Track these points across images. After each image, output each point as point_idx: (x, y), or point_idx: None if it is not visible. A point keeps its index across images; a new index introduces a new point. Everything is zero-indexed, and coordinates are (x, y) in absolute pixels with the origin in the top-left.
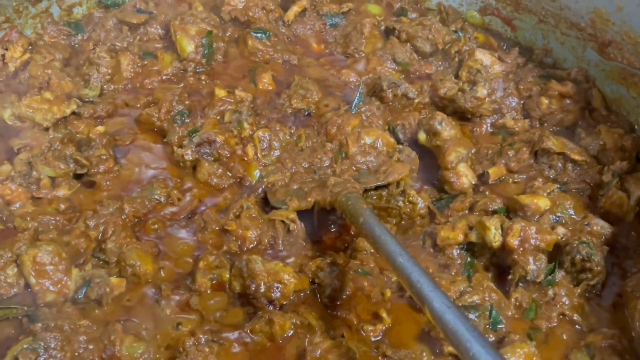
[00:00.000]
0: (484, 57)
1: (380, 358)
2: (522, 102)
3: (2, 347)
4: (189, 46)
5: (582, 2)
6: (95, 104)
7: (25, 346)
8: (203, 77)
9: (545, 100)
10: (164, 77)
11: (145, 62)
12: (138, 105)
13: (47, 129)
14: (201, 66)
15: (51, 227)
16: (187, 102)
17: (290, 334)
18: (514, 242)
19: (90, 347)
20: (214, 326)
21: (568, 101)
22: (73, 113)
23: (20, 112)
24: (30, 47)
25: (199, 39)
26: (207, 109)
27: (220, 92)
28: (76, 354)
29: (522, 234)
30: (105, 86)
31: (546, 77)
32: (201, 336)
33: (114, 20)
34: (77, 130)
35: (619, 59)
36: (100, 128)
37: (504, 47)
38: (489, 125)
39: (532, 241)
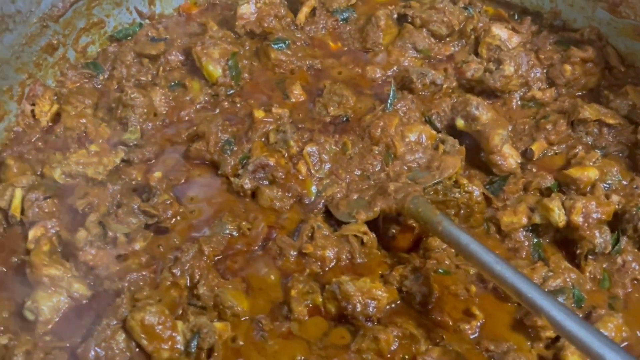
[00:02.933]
0: (500, 31)
1: (484, 354)
2: (545, 70)
3: None
4: (216, 71)
5: None
6: (141, 146)
7: None
8: (237, 100)
9: (568, 67)
10: (198, 106)
11: (176, 93)
12: (180, 141)
13: (102, 182)
14: (231, 88)
15: (141, 283)
16: (230, 129)
17: (396, 346)
18: (578, 219)
19: None
20: (322, 352)
21: (590, 65)
22: (123, 160)
23: (70, 170)
24: (56, 97)
25: (224, 61)
26: (251, 132)
27: (259, 114)
28: None
29: (584, 210)
30: (143, 126)
31: (563, 42)
32: None
33: (132, 54)
34: (132, 178)
35: (631, 17)
36: (158, 174)
37: (515, 17)
38: (518, 99)
39: (595, 215)
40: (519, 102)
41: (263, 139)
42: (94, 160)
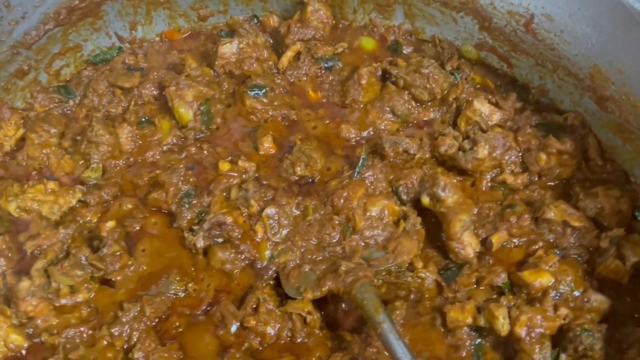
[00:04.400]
0: (482, 106)
1: None
2: (520, 154)
3: None
4: (188, 114)
5: (581, 57)
6: (100, 187)
7: None
8: (205, 147)
9: (543, 157)
10: (165, 148)
11: (145, 131)
12: (141, 184)
13: (55, 223)
14: (201, 132)
15: (77, 340)
16: (191, 179)
17: None
18: (521, 331)
19: None
20: None
21: (566, 157)
22: (79, 201)
23: (26, 205)
24: (22, 121)
25: (197, 104)
26: (213, 184)
27: (225, 166)
28: None
29: (528, 323)
30: (107, 162)
31: (545, 125)
32: None
33: (105, 83)
34: (86, 220)
35: (616, 114)
36: (111, 224)
37: (501, 87)
38: (489, 180)
39: (538, 330)
40: (489, 184)
41: (225, 194)
42: (50, 198)
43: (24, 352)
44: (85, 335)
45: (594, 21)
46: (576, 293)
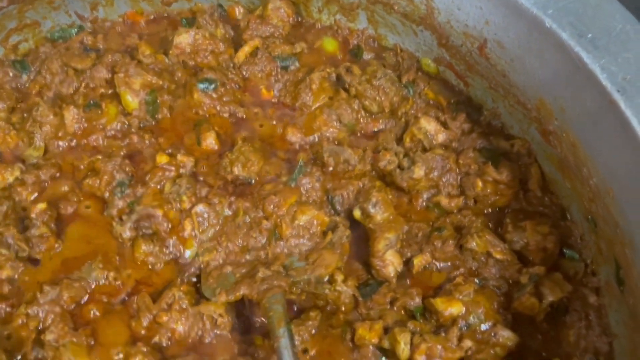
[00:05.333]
0: (428, 125)
1: None
2: (459, 177)
3: None
4: (133, 102)
5: (529, 88)
6: (39, 167)
7: None
8: (147, 136)
9: (480, 183)
10: (109, 133)
11: (91, 114)
12: (81, 167)
13: None
14: (146, 121)
15: None
16: (128, 168)
17: None
18: (419, 359)
19: None
20: None
21: (502, 186)
22: (17, 179)
23: None
24: None
25: (143, 93)
26: (149, 176)
27: (162, 159)
28: None
29: (428, 352)
30: (50, 142)
31: (489, 150)
32: None
33: (59, 62)
34: (21, 198)
35: (558, 149)
36: (41, 206)
37: (454, 106)
38: (425, 199)
39: (437, 359)
40: (424, 203)
41: (159, 186)
42: None
43: None
44: (3, 311)
45: (540, 55)
46: (484, 326)
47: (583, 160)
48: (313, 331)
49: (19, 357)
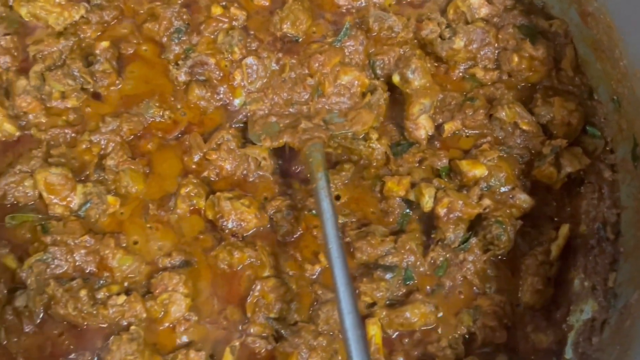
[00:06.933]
0: None
1: (312, 294)
2: (497, 51)
3: (20, 248)
4: None
5: None
6: (103, 8)
7: (37, 258)
8: None
9: (515, 58)
10: None
11: None
12: (141, 11)
13: (58, 34)
14: None
15: (61, 140)
16: (185, 16)
17: (246, 263)
18: (441, 211)
19: (89, 258)
20: (185, 247)
21: (537, 63)
22: (82, 17)
23: (35, 12)
24: None
25: None
26: (204, 25)
27: (217, 10)
28: (77, 264)
29: (449, 206)
30: None
31: (527, 27)
32: (176, 257)
33: None
34: (85, 36)
35: (594, 31)
36: (105, 43)
37: None
38: (461, 70)
39: (457, 213)
40: (460, 74)
41: (213, 36)
42: (57, 10)
43: (14, 139)
44: (68, 137)
45: None
46: (504, 189)
47: (616, 42)
48: (346, 181)
49: (83, 177)
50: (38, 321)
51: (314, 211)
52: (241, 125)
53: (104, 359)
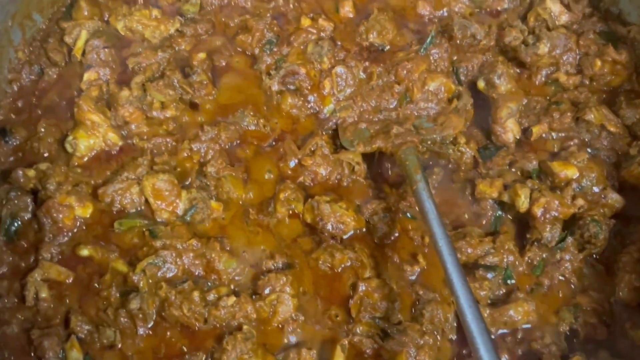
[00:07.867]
0: (553, 6)
1: (413, 295)
2: (578, 57)
3: (129, 252)
4: None
5: None
6: (196, 22)
7: (150, 261)
8: (291, 0)
9: (599, 63)
10: None
11: None
12: (232, 25)
13: (154, 47)
14: None
15: (163, 148)
16: (275, 28)
17: (347, 265)
18: (537, 211)
19: (197, 262)
20: (286, 250)
21: (619, 67)
22: (177, 30)
23: (132, 26)
24: None
25: None
26: (293, 37)
27: (306, 22)
28: (186, 267)
29: (546, 206)
30: (204, 0)
31: (607, 34)
32: (279, 259)
33: None
34: (180, 49)
35: None
36: (202, 55)
37: None
38: (544, 75)
39: (553, 212)
40: (543, 79)
41: (302, 47)
42: (153, 23)
43: (117, 149)
44: (170, 145)
45: None
46: (595, 189)
47: None
48: (436, 185)
49: (187, 183)
50: (151, 323)
51: (408, 214)
52: (330, 132)
53: (219, 359)
